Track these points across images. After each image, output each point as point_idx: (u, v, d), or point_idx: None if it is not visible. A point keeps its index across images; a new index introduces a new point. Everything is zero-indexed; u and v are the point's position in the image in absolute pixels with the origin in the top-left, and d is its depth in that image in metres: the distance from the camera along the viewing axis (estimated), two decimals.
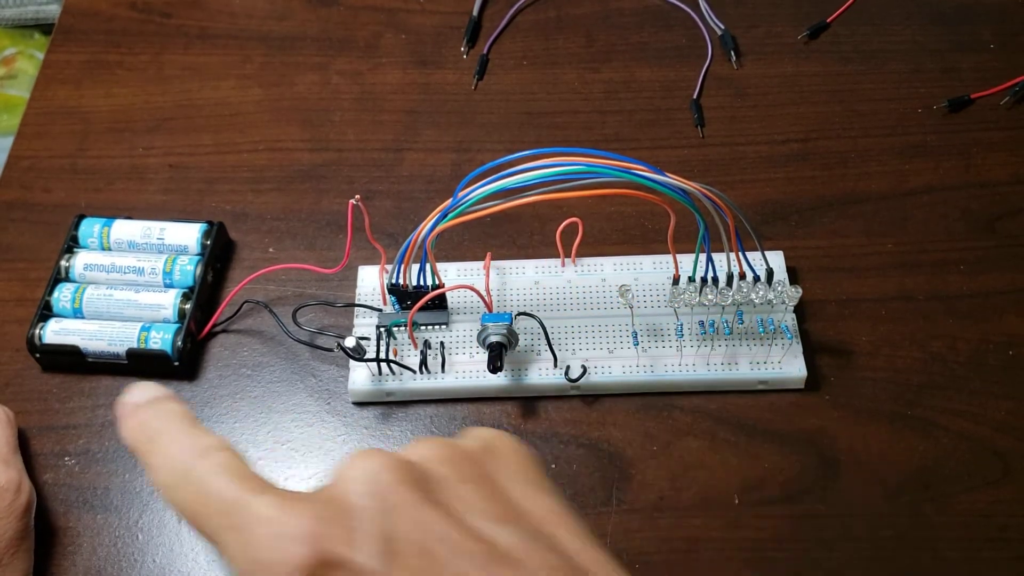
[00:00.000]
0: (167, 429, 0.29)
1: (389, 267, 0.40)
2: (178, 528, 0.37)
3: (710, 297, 0.38)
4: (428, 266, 0.38)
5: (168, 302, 0.41)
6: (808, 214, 0.45)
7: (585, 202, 0.45)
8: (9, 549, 0.34)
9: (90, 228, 0.43)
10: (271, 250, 0.45)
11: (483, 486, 0.26)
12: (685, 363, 0.39)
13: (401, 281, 0.39)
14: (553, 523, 0.26)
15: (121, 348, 0.40)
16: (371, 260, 0.43)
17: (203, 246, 0.43)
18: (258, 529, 0.24)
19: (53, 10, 0.83)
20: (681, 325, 0.40)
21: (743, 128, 0.48)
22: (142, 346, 0.40)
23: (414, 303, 0.39)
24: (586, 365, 0.39)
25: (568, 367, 0.39)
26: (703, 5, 0.53)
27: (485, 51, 0.52)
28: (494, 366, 0.38)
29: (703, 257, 0.38)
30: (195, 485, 0.26)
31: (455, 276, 0.42)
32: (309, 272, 0.43)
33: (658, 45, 0.52)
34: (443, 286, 0.39)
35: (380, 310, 0.41)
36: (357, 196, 0.37)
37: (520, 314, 0.39)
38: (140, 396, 0.30)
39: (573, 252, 0.42)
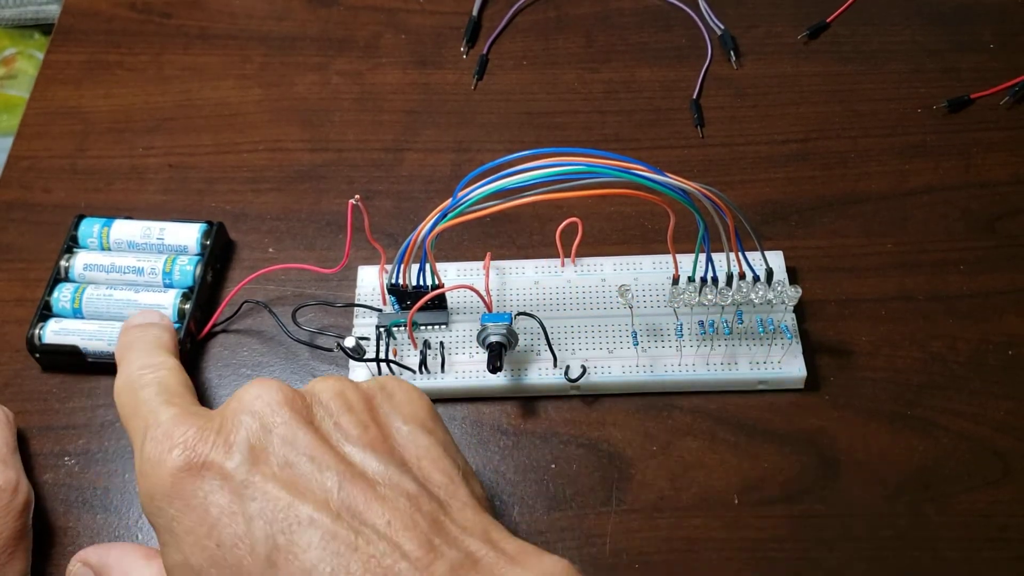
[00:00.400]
0: (137, 347, 0.35)
1: (389, 267, 0.40)
2: None
3: (710, 297, 0.38)
4: (428, 266, 0.38)
5: (168, 302, 0.41)
6: (808, 214, 0.45)
7: (585, 202, 0.45)
8: (6, 549, 0.34)
9: (90, 228, 0.43)
10: (271, 250, 0.45)
11: (363, 416, 0.29)
12: (685, 363, 0.39)
13: (401, 281, 0.39)
14: (427, 459, 0.28)
15: None
16: (371, 260, 0.43)
17: (203, 246, 0.43)
18: (153, 431, 0.28)
19: (53, 10, 0.83)
20: (681, 325, 0.40)
21: (743, 128, 0.48)
22: None
23: (414, 303, 0.39)
24: (586, 365, 0.39)
25: (568, 367, 0.39)
26: (703, 5, 0.53)
27: (485, 51, 0.52)
28: (494, 366, 0.38)
29: (703, 257, 0.38)
30: (131, 393, 0.32)
31: (455, 276, 0.42)
32: (309, 272, 0.43)
33: (658, 45, 0.52)
34: (443, 286, 0.39)
35: (380, 310, 0.41)
36: (357, 196, 0.37)
37: (520, 314, 0.39)
38: (138, 320, 0.38)
39: (573, 252, 0.42)
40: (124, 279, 0.42)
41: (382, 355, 0.39)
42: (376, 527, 0.25)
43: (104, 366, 0.41)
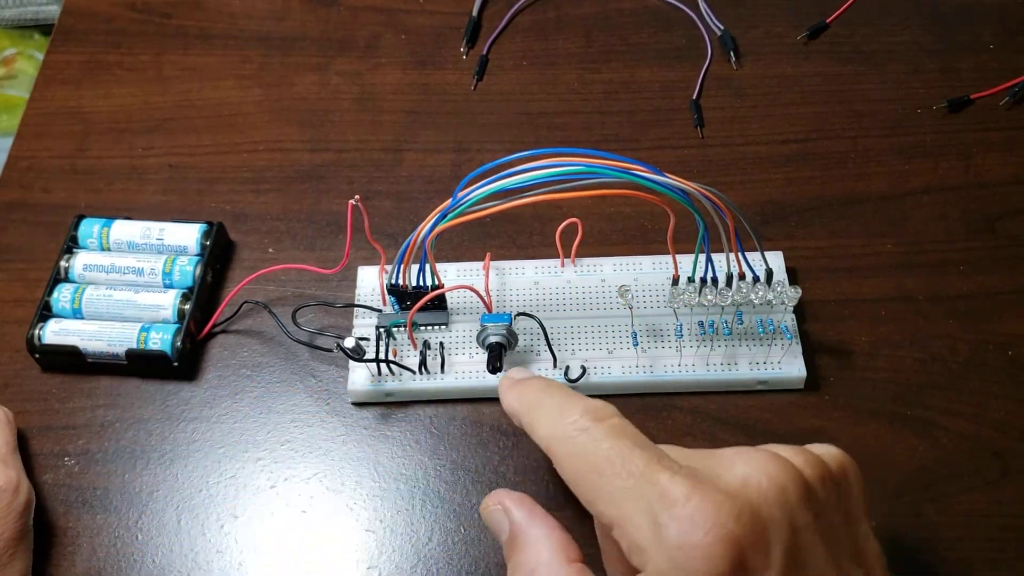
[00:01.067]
0: (557, 393, 0.30)
1: (389, 267, 0.40)
2: (177, 528, 0.37)
3: (709, 297, 0.38)
4: (428, 266, 0.38)
5: (168, 302, 0.41)
6: (808, 214, 0.45)
7: (585, 202, 0.45)
8: (7, 549, 0.34)
9: (89, 228, 0.43)
10: (271, 250, 0.45)
11: (845, 518, 0.26)
12: (685, 363, 0.39)
13: (401, 281, 0.39)
14: (878, 567, 0.26)
15: (121, 348, 0.40)
16: (371, 260, 0.43)
17: (203, 246, 0.43)
18: (674, 511, 0.24)
19: (53, 11, 0.83)
20: (681, 325, 0.40)
21: (743, 128, 0.48)
22: (142, 347, 0.40)
23: (413, 303, 0.39)
24: (585, 365, 0.39)
25: (568, 367, 0.39)
26: (702, 6, 0.53)
27: (485, 51, 0.52)
28: (494, 366, 0.38)
29: (703, 257, 0.38)
30: (594, 442, 0.27)
31: (455, 276, 0.42)
32: (309, 272, 0.43)
33: (658, 46, 0.52)
34: (443, 286, 0.39)
35: (380, 310, 0.41)
36: (357, 196, 0.37)
37: (520, 314, 0.39)
38: (519, 374, 0.33)
39: (573, 252, 0.42)
40: (124, 279, 0.42)
41: (382, 355, 0.39)
42: None
43: (104, 366, 0.41)
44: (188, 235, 0.43)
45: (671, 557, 0.24)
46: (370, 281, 0.42)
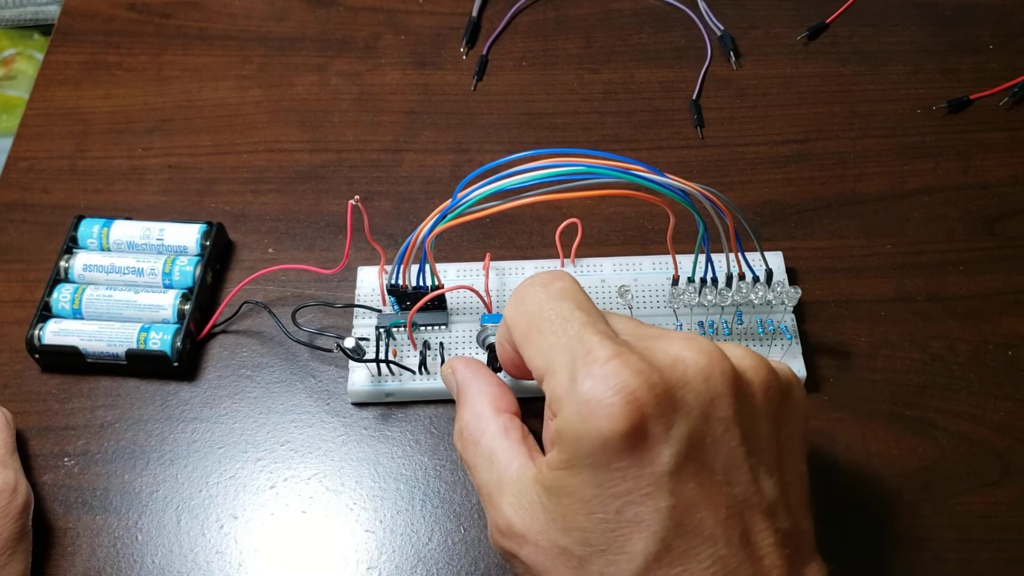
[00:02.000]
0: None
1: (388, 268, 0.40)
2: (177, 529, 0.37)
3: (709, 298, 0.38)
4: (427, 267, 0.38)
5: (167, 303, 0.41)
6: (807, 215, 0.45)
7: (584, 203, 0.45)
8: (5, 550, 0.34)
9: (89, 229, 0.43)
10: (270, 251, 0.45)
11: (776, 429, 0.27)
12: None
13: (400, 282, 0.39)
14: (798, 488, 0.27)
15: (120, 349, 0.40)
16: (370, 261, 0.43)
17: (202, 247, 0.43)
18: (592, 368, 0.26)
19: (52, 11, 0.83)
20: (680, 326, 0.40)
21: (742, 129, 0.48)
22: (141, 347, 0.40)
23: (413, 304, 0.39)
24: None
25: None
26: (702, 6, 0.53)
27: (484, 52, 0.52)
28: (494, 367, 0.38)
29: (702, 258, 0.38)
30: (539, 303, 0.29)
31: (454, 277, 0.42)
32: (308, 273, 0.43)
33: (657, 46, 0.52)
34: (442, 287, 0.39)
35: (379, 311, 0.41)
36: (356, 197, 0.37)
37: None
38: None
39: (572, 253, 0.42)
40: (124, 280, 0.42)
41: (381, 356, 0.39)
42: (762, 566, 0.25)
43: (104, 367, 0.41)
44: (188, 235, 0.43)
45: (578, 409, 0.25)
46: (370, 281, 0.42)
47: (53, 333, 0.40)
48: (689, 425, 0.25)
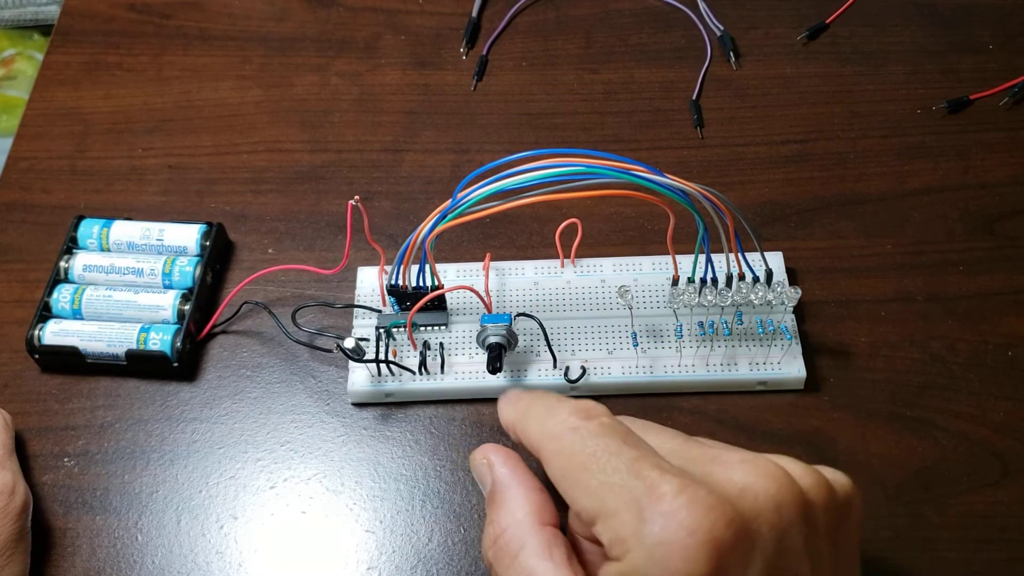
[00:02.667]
0: (549, 397, 0.30)
1: (388, 268, 0.40)
2: (177, 529, 0.37)
3: (709, 298, 0.38)
4: (427, 267, 0.38)
5: (167, 303, 0.41)
6: (807, 215, 0.45)
7: (584, 203, 0.45)
8: (4, 552, 0.34)
9: (89, 229, 0.43)
10: (270, 251, 0.45)
11: (836, 548, 0.26)
12: (684, 364, 0.39)
13: (400, 282, 0.39)
14: None
15: (120, 349, 0.40)
16: (370, 261, 0.43)
17: (202, 247, 0.43)
18: (660, 506, 0.24)
19: (52, 11, 0.83)
20: (680, 326, 0.40)
21: (742, 129, 0.48)
22: (141, 347, 0.40)
23: (413, 304, 0.39)
24: (585, 366, 0.39)
25: (567, 368, 0.39)
26: (702, 6, 0.53)
27: (484, 52, 0.52)
28: (493, 367, 0.38)
29: (702, 258, 0.38)
30: (580, 441, 0.27)
31: (454, 277, 0.42)
32: (308, 273, 0.43)
33: (657, 46, 0.52)
34: (442, 287, 0.39)
35: (379, 311, 0.41)
36: (356, 197, 0.37)
37: (519, 315, 0.39)
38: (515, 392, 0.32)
39: (572, 253, 0.42)
40: (124, 280, 0.42)
41: (381, 356, 0.39)
42: None
43: (104, 367, 0.41)
44: (188, 236, 0.43)
45: (651, 553, 0.24)
46: (370, 282, 0.42)
47: (53, 333, 0.40)
48: (765, 559, 0.24)
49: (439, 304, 0.40)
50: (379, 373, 0.39)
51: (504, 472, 0.30)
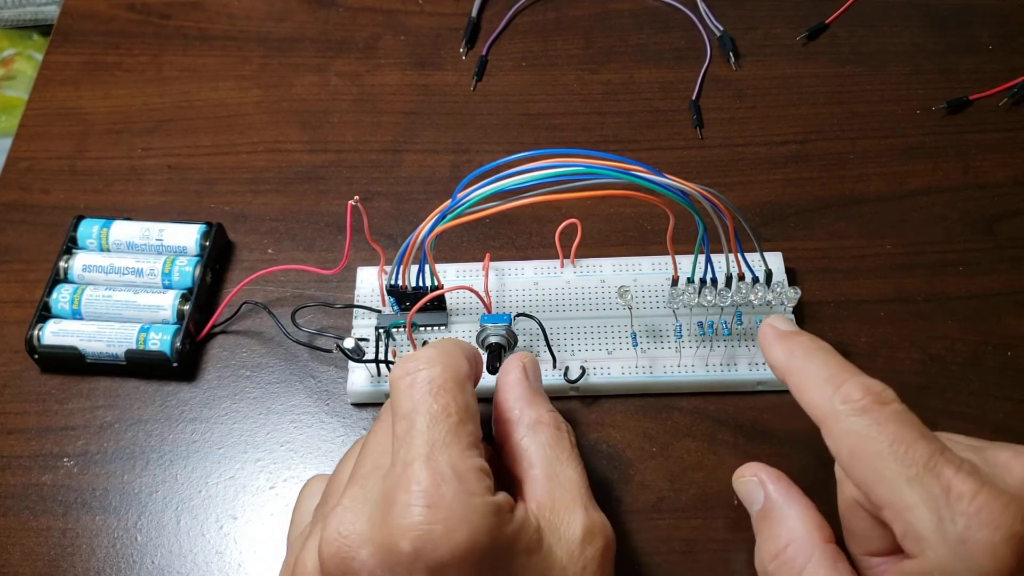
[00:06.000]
0: (832, 361, 0.31)
1: (388, 268, 0.40)
2: (177, 529, 0.37)
3: (709, 298, 0.38)
4: (427, 267, 0.38)
5: (167, 303, 0.41)
6: (807, 215, 0.45)
7: (584, 203, 0.45)
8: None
9: (89, 229, 0.43)
10: (270, 251, 0.45)
11: None
12: (684, 364, 0.39)
13: (400, 282, 0.39)
14: None
15: (120, 349, 0.40)
16: (370, 261, 0.43)
17: (202, 247, 0.43)
18: (959, 505, 0.25)
19: (51, 11, 0.83)
20: (680, 326, 0.40)
21: (742, 129, 0.48)
22: (141, 347, 0.40)
23: (413, 304, 0.39)
24: (585, 366, 0.39)
25: (567, 368, 0.39)
26: (701, 6, 0.53)
27: (484, 52, 0.52)
28: (493, 367, 0.38)
29: (702, 258, 0.38)
30: (876, 429, 0.28)
31: (454, 277, 0.42)
32: (308, 273, 0.43)
33: (657, 46, 0.52)
34: (442, 287, 0.39)
35: (379, 311, 0.41)
36: (356, 197, 0.37)
37: (519, 315, 0.39)
38: (783, 325, 0.33)
39: (572, 253, 0.42)
40: (123, 280, 0.42)
41: (381, 356, 0.39)
42: None
43: (103, 367, 0.41)
44: (187, 236, 0.43)
45: (955, 550, 0.25)
46: (369, 282, 0.42)
47: (52, 334, 0.40)
48: None
49: (439, 304, 0.40)
50: (379, 373, 0.39)
51: (779, 490, 0.32)
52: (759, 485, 0.33)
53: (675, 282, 0.39)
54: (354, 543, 0.26)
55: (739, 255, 0.38)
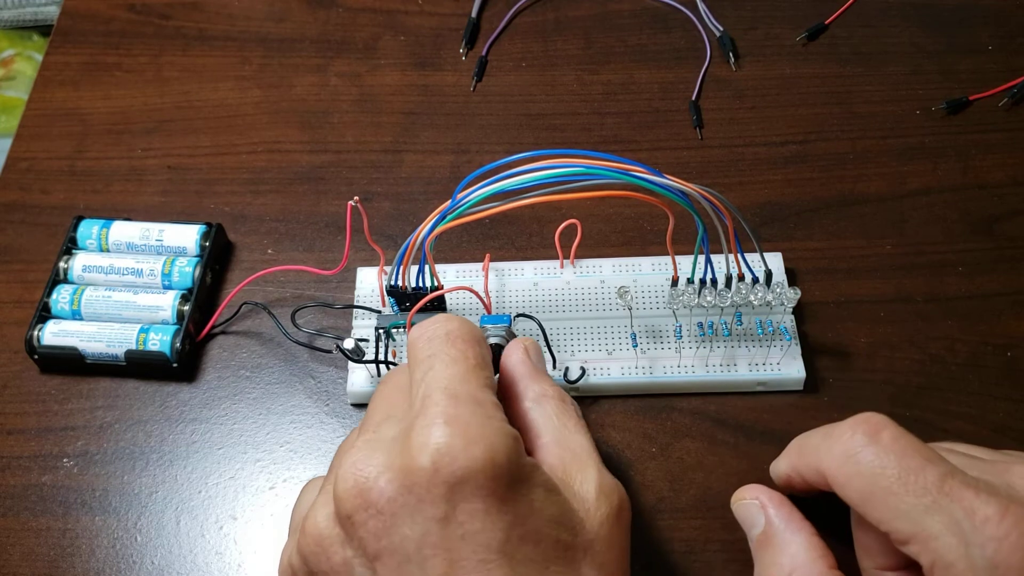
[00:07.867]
0: (810, 435, 0.32)
1: (388, 268, 0.40)
2: (177, 530, 0.37)
3: (709, 299, 0.38)
4: (427, 267, 0.38)
5: (167, 304, 0.41)
6: (806, 216, 0.45)
7: (584, 204, 0.45)
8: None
9: (89, 230, 0.43)
10: (270, 252, 0.45)
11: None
12: (684, 364, 0.39)
13: (400, 282, 0.39)
14: None
15: (120, 350, 0.40)
16: (370, 262, 0.43)
17: (202, 248, 0.43)
18: (986, 529, 0.25)
19: (51, 11, 0.83)
20: (680, 327, 0.40)
21: (742, 130, 0.48)
22: (141, 348, 0.40)
23: (413, 304, 0.39)
24: (585, 367, 0.39)
25: (567, 368, 0.39)
26: (701, 7, 0.53)
27: (484, 53, 0.52)
28: (494, 368, 0.38)
29: (702, 259, 0.38)
30: (878, 462, 0.28)
31: (454, 277, 0.42)
32: (308, 274, 0.43)
33: (656, 47, 0.52)
34: (442, 287, 0.39)
35: (379, 312, 0.41)
36: (356, 198, 0.37)
37: (519, 315, 0.39)
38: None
39: (572, 253, 0.42)
40: (123, 280, 0.42)
41: (381, 357, 0.39)
42: None
43: (103, 368, 0.41)
44: (187, 236, 0.43)
45: (986, 575, 0.25)
46: (369, 282, 0.42)
47: (52, 334, 0.40)
48: None
49: (439, 305, 0.40)
50: (379, 374, 0.39)
51: (781, 515, 0.31)
52: (760, 508, 0.32)
53: (675, 282, 0.39)
54: (371, 474, 0.26)
55: (739, 255, 0.38)
